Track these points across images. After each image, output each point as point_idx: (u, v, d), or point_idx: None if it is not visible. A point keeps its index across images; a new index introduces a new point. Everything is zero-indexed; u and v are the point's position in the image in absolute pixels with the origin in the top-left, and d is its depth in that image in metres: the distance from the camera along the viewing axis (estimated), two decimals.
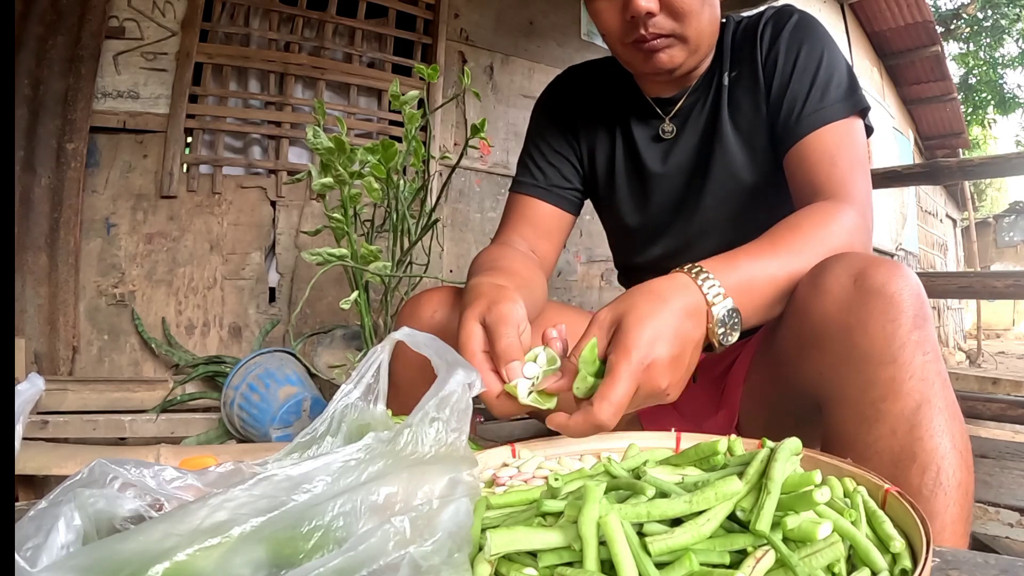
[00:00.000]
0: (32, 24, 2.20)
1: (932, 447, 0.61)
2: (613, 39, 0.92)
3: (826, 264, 0.71)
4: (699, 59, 0.96)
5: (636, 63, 0.93)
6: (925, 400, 0.62)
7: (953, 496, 0.60)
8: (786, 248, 0.75)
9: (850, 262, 0.69)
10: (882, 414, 0.63)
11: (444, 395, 0.45)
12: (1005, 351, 9.05)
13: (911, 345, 0.63)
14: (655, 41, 0.88)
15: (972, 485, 0.62)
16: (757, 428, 0.93)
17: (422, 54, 3.03)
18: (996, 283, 2.14)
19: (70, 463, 1.42)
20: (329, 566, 0.34)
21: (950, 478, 0.60)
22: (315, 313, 2.62)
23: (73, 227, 2.25)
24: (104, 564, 0.33)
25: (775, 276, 0.72)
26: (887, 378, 0.63)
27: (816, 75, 0.91)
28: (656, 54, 0.89)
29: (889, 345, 0.64)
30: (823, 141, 0.88)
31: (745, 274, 0.70)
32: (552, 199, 1.09)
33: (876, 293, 0.65)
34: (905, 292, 0.65)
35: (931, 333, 0.65)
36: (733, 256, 0.72)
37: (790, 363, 0.77)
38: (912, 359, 0.63)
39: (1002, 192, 20.85)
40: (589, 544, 0.38)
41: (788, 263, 0.74)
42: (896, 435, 0.62)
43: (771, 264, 0.73)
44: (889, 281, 0.65)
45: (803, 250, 0.75)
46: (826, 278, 0.69)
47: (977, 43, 12.27)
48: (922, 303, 0.65)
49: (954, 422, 0.63)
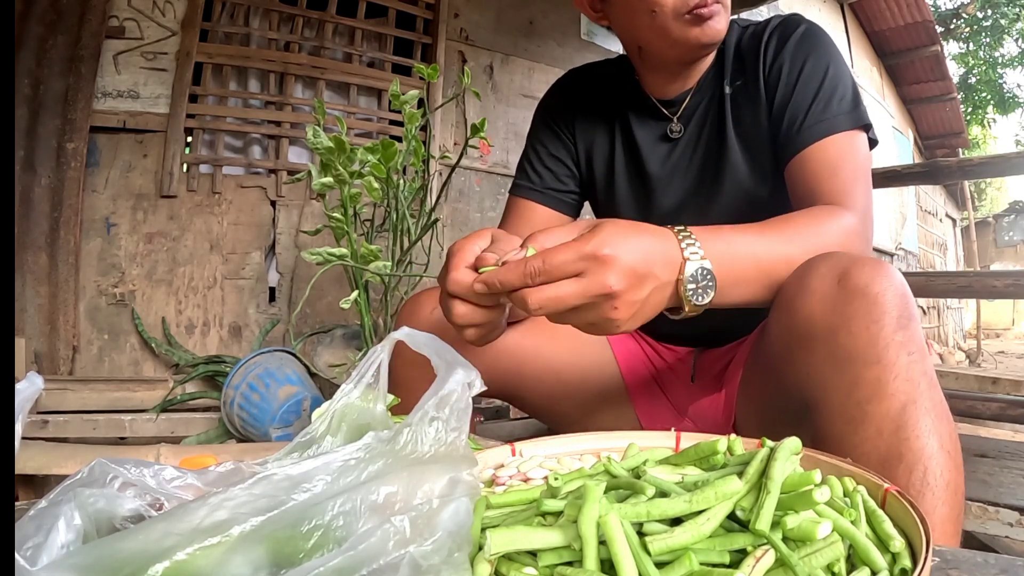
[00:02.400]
0: (32, 24, 2.20)
1: (919, 447, 0.61)
2: (667, 14, 0.89)
3: (812, 263, 0.71)
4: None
5: (691, 36, 0.91)
6: (911, 400, 0.62)
7: (942, 496, 0.60)
8: (775, 233, 0.76)
9: (835, 262, 0.69)
10: (868, 415, 0.63)
11: (444, 394, 0.45)
12: (1005, 350, 9.05)
13: (895, 345, 0.63)
14: (713, 6, 0.88)
15: (962, 484, 0.62)
16: (753, 428, 0.93)
17: (422, 54, 3.03)
18: (996, 283, 2.14)
19: (70, 462, 1.42)
20: (329, 565, 0.34)
21: (938, 478, 0.60)
22: (315, 313, 2.62)
23: (73, 227, 2.25)
24: (104, 563, 0.33)
25: (757, 254, 0.72)
26: (872, 379, 0.63)
27: (820, 87, 0.90)
28: (707, 22, 0.89)
29: (873, 346, 0.63)
30: (825, 152, 0.88)
31: (727, 244, 0.70)
32: (550, 202, 1.09)
33: (860, 293, 0.65)
34: (889, 292, 0.65)
35: (916, 333, 0.65)
36: (719, 228, 0.72)
37: (779, 364, 0.77)
38: (897, 359, 0.63)
39: (1002, 192, 20.87)
40: (589, 544, 0.38)
41: (774, 246, 0.74)
42: (882, 436, 0.62)
43: (756, 242, 0.73)
44: (873, 281, 0.65)
45: (792, 239, 0.75)
46: (811, 278, 0.69)
47: (977, 43, 12.27)
48: (907, 303, 0.65)
49: (941, 422, 0.62)
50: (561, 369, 1.04)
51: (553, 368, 1.03)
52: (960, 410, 2.09)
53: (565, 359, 1.04)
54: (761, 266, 0.73)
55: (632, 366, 1.11)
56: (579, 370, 1.05)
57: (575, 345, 1.05)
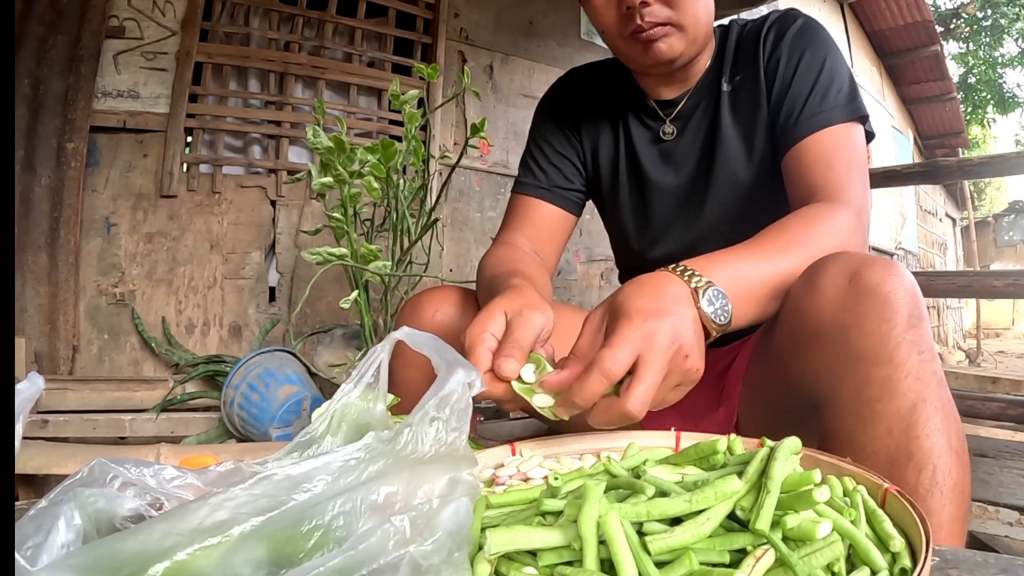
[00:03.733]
0: (32, 24, 2.20)
1: (928, 446, 0.61)
2: (612, 35, 0.92)
3: (821, 264, 0.71)
4: (697, 49, 0.95)
5: (636, 56, 0.93)
6: (921, 399, 0.62)
7: (949, 495, 0.60)
8: (771, 247, 0.76)
9: (845, 262, 0.69)
10: (878, 414, 0.63)
11: (444, 394, 0.45)
12: (1004, 350, 9.05)
13: (906, 344, 0.63)
14: (653, 30, 0.88)
15: (968, 484, 0.62)
16: (755, 427, 0.93)
17: (422, 54, 3.03)
18: (995, 282, 2.14)
19: (70, 462, 1.42)
20: (329, 565, 0.34)
21: (946, 477, 0.60)
22: (315, 312, 2.62)
23: (73, 226, 2.25)
24: (104, 563, 0.33)
25: (759, 272, 0.73)
26: (882, 378, 0.63)
27: (817, 79, 0.91)
28: (655, 44, 0.89)
29: (884, 345, 0.63)
30: (821, 144, 0.88)
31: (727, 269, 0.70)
32: (554, 200, 1.09)
33: (871, 293, 0.65)
34: (900, 291, 0.65)
35: (926, 332, 0.65)
36: (712, 255, 0.72)
37: (786, 363, 0.77)
38: (908, 358, 0.63)
39: (1001, 191, 20.85)
40: (589, 543, 0.38)
41: (773, 261, 0.74)
42: (892, 434, 0.62)
43: (753, 259, 0.73)
44: (884, 281, 0.65)
45: (788, 249, 0.75)
46: (821, 278, 0.69)
47: (976, 42, 12.27)
48: (917, 302, 0.65)
49: (950, 421, 0.63)
50: None
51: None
52: (960, 410, 2.08)
53: None
54: (764, 281, 0.73)
55: None
56: None
57: None
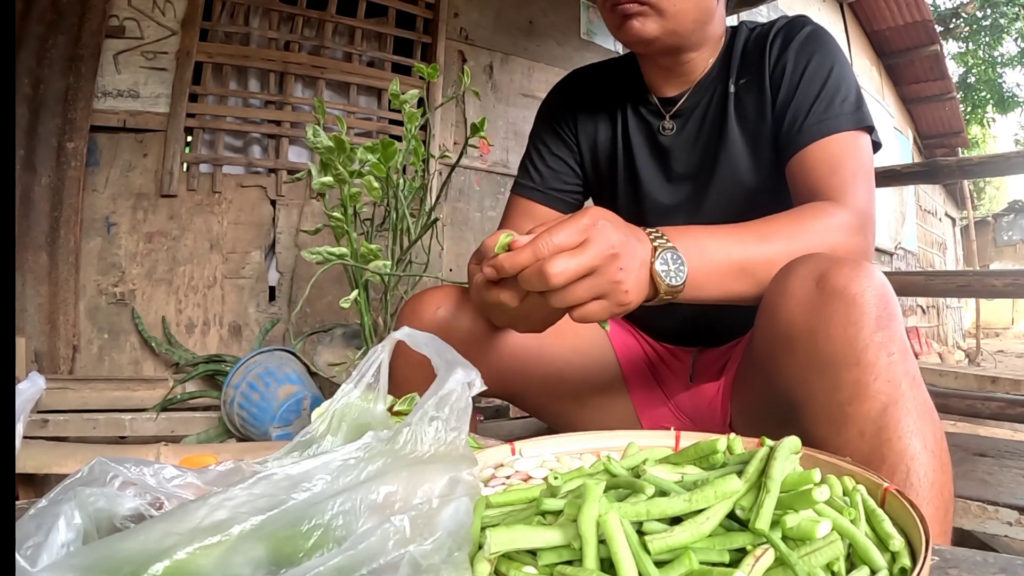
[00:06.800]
0: (32, 23, 2.19)
1: (901, 448, 0.60)
2: (601, 6, 0.93)
3: (792, 266, 0.71)
4: (682, 41, 0.94)
5: (613, 30, 0.94)
6: (892, 401, 0.62)
7: (927, 496, 0.59)
8: (750, 233, 0.77)
9: (814, 263, 0.68)
10: (849, 417, 0.63)
11: (443, 394, 0.45)
12: (1004, 350, 9.05)
13: (875, 346, 0.63)
14: (628, 5, 0.88)
15: (949, 483, 0.62)
16: (745, 428, 0.94)
17: (422, 53, 3.03)
18: (995, 282, 2.14)
19: (70, 462, 1.42)
20: (329, 565, 0.34)
21: (921, 478, 0.60)
22: (315, 312, 2.62)
23: (73, 226, 2.25)
24: (104, 563, 0.33)
25: (729, 250, 0.74)
26: (852, 381, 0.63)
27: (823, 87, 0.90)
28: (628, 20, 0.89)
29: (852, 347, 0.63)
30: (826, 151, 0.88)
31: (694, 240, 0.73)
32: (550, 202, 1.10)
33: (838, 295, 0.65)
34: (868, 292, 0.64)
35: (897, 333, 0.64)
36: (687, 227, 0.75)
37: (765, 366, 0.77)
38: (876, 360, 0.63)
39: (1001, 191, 20.85)
40: (589, 543, 0.38)
41: (747, 244, 0.75)
42: (864, 437, 0.62)
43: (728, 239, 0.75)
44: (851, 282, 0.65)
45: (768, 237, 0.76)
46: (791, 281, 0.69)
47: (976, 42, 12.26)
48: (886, 303, 0.65)
49: (925, 422, 0.62)
50: (564, 368, 1.04)
51: (556, 367, 1.03)
52: (960, 409, 2.09)
53: (568, 358, 1.04)
54: (733, 260, 0.73)
55: (633, 365, 1.11)
56: (581, 369, 1.06)
57: (578, 344, 1.05)
